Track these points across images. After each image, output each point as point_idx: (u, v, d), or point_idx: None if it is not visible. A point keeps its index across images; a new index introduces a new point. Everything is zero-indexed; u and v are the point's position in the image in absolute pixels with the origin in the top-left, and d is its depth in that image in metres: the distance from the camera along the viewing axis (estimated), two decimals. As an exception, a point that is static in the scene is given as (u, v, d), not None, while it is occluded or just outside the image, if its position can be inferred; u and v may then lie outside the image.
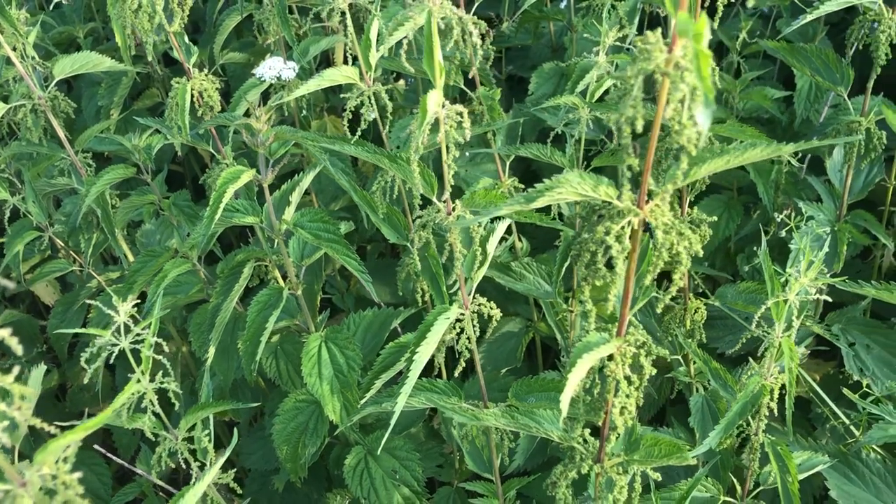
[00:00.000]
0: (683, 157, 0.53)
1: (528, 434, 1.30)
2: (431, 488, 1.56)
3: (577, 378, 0.65)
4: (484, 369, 1.63)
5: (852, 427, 1.45)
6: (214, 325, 1.35)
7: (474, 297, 1.00)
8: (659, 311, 1.15)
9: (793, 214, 1.45)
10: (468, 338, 0.99)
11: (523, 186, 1.42)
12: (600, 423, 0.75)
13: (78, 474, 0.56)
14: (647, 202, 0.64)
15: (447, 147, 0.84)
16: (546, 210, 1.31)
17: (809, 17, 1.25)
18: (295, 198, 1.39)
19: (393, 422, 0.89)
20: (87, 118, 2.23)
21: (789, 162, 1.60)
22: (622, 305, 0.70)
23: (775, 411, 1.03)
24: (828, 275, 1.46)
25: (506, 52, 2.25)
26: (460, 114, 0.85)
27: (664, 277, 1.48)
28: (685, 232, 0.63)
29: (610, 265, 0.63)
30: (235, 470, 1.99)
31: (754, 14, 1.93)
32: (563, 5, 1.91)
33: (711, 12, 1.19)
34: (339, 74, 1.08)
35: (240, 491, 1.19)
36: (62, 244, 1.79)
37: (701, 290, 1.51)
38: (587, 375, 0.75)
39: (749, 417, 1.09)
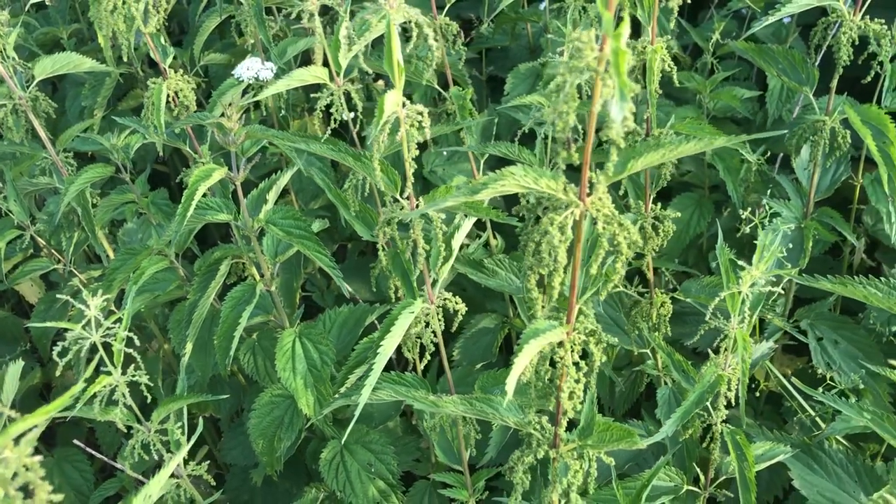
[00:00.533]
0: (613, 151, 0.56)
1: (502, 426, 1.33)
2: (409, 482, 1.58)
3: (523, 362, 0.67)
4: (460, 364, 1.66)
5: (818, 419, 1.48)
6: (191, 322, 1.38)
7: (440, 292, 1.02)
8: (601, 297, 1.18)
9: (761, 212, 1.48)
10: (433, 332, 1.01)
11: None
12: (553, 409, 0.78)
13: (39, 457, 0.58)
14: (591, 194, 0.66)
15: (408, 146, 0.87)
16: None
17: (771, 20, 1.28)
18: (272, 196, 1.42)
19: (357, 413, 0.92)
20: (72, 118, 2.25)
21: (759, 160, 1.63)
22: (570, 294, 0.72)
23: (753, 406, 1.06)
24: (794, 271, 1.49)
25: (486, 54, 2.28)
26: (420, 113, 0.87)
27: (637, 275, 1.51)
28: (625, 223, 0.65)
29: (553, 255, 0.66)
30: (217, 465, 2.03)
31: (727, 15, 1.96)
32: (542, 6, 1.94)
33: (682, 13, 1.22)
34: (308, 74, 1.10)
35: (213, 483, 1.21)
36: (44, 243, 1.80)
37: (672, 286, 1.54)
38: (541, 362, 0.77)
39: (711, 408, 1.12)
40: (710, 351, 1.03)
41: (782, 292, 1.37)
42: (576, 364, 0.74)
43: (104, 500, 1.64)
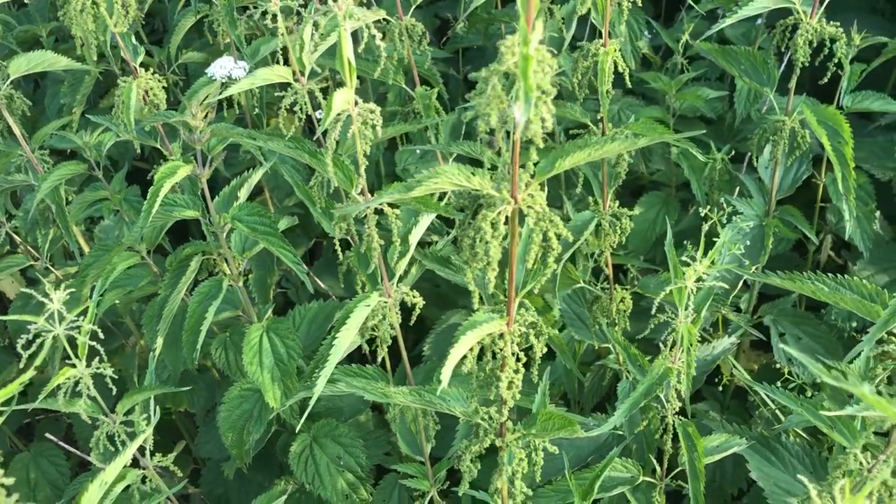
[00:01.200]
0: (532, 150, 0.58)
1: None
2: (380, 475, 1.61)
3: (458, 352, 0.70)
4: (430, 359, 1.68)
5: (779, 413, 1.51)
6: (162, 317, 1.40)
7: (398, 287, 1.05)
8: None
9: (724, 210, 1.51)
10: (391, 324, 1.04)
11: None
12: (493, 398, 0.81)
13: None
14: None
15: (360, 143, 0.90)
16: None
17: (728, 22, 1.31)
18: (243, 193, 1.44)
19: (311, 403, 0.94)
20: (51, 116, 2.27)
21: (723, 159, 1.66)
22: (509, 288, 0.75)
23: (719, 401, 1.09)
24: (749, 268, 1.53)
25: (464, 53, 2.31)
26: (372, 111, 0.90)
27: (603, 272, 1.54)
28: (555, 219, 0.68)
29: (487, 251, 0.68)
30: (196, 461, 2.04)
31: (697, 16, 1.99)
32: (516, 7, 1.96)
33: (658, 14, 1.25)
34: (271, 74, 1.13)
35: (180, 474, 1.23)
36: (20, 240, 1.82)
37: (639, 283, 1.57)
38: (485, 353, 0.80)
39: (665, 400, 1.15)
40: (660, 344, 1.06)
41: (727, 287, 1.40)
42: (515, 355, 0.77)
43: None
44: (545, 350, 0.80)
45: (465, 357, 0.79)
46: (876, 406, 0.46)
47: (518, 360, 0.77)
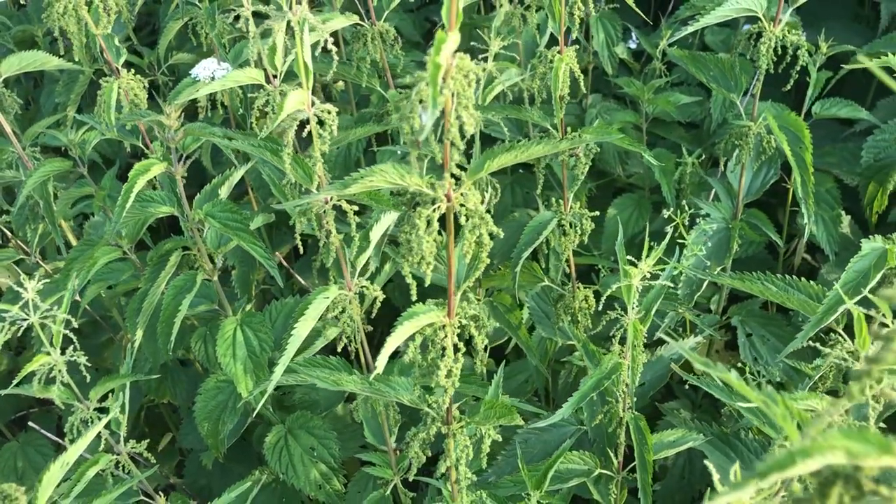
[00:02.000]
0: (454, 151, 0.63)
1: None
2: (356, 467, 1.65)
3: (395, 341, 0.74)
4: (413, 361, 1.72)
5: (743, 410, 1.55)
6: (141, 310, 1.44)
7: (357, 279, 1.09)
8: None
9: (692, 212, 1.55)
10: (350, 317, 1.08)
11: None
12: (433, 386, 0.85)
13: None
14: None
15: (318, 142, 0.94)
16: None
17: (690, 30, 1.35)
18: (224, 191, 1.49)
19: (269, 391, 0.99)
20: (46, 113, 2.32)
21: (694, 163, 1.70)
22: (448, 281, 0.79)
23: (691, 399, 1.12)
24: (718, 269, 1.57)
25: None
26: (329, 112, 0.94)
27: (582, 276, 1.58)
28: (486, 217, 0.72)
29: (420, 245, 0.73)
30: (182, 453, 2.09)
31: (676, 22, 2.03)
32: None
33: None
34: (242, 76, 1.17)
35: (154, 461, 1.28)
36: (12, 234, 1.87)
37: (609, 283, 1.61)
38: (430, 344, 0.84)
39: (619, 395, 1.19)
40: (612, 340, 1.10)
41: (692, 288, 1.44)
42: (454, 346, 0.81)
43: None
44: (509, 346, 0.84)
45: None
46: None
47: (457, 350, 0.81)
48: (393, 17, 2.07)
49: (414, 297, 0.79)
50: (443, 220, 0.75)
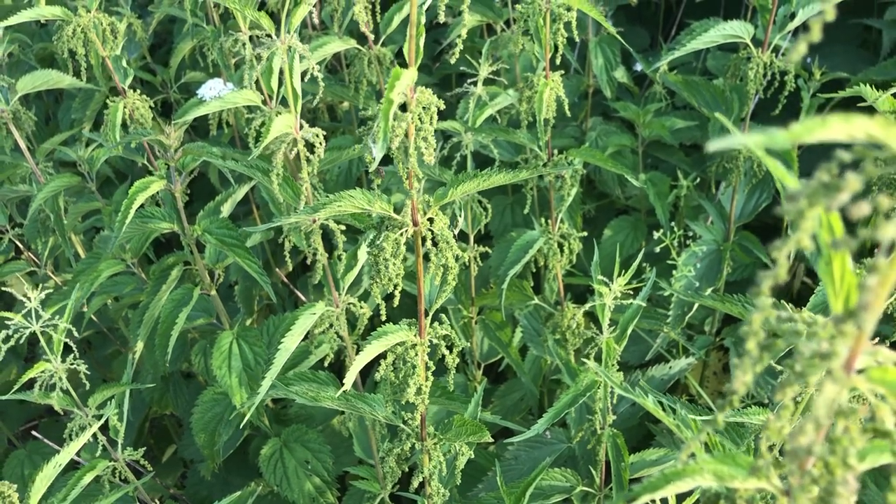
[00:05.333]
0: (413, 180, 0.66)
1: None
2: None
3: (364, 359, 0.78)
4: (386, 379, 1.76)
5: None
6: (143, 322, 1.49)
7: (345, 296, 1.13)
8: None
9: (684, 234, 1.57)
10: (337, 333, 1.12)
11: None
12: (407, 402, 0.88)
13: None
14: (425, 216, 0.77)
15: (305, 165, 0.98)
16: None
17: (677, 54, 1.38)
18: (227, 208, 1.54)
19: (256, 403, 1.02)
20: (63, 129, 2.39)
21: (688, 186, 1.72)
22: (419, 302, 0.83)
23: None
24: (710, 290, 1.58)
25: (457, 79, 2.40)
26: (317, 135, 0.98)
27: (567, 291, 1.61)
28: (451, 241, 0.76)
29: (387, 268, 0.76)
30: (185, 465, 2.13)
31: (673, 48, 2.05)
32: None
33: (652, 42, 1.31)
34: (240, 97, 1.22)
35: (150, 468, 1.32)
36: (24, 247, 1.94)
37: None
38: (402, 362, 0.87)
39: (599, 411, 1.21)
40: (588, 360, 1.13)
41: (679, 308, 1.46)
42: (425, 364, 0.84)
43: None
44: (457, 361, 0.87)
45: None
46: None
47: (427, 368, 0.84)
48: (398, 38, 2.12)
49: (384, 318, 0.82)
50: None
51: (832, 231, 0.39)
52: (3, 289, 1.36)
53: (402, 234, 0.75)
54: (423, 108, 0.64)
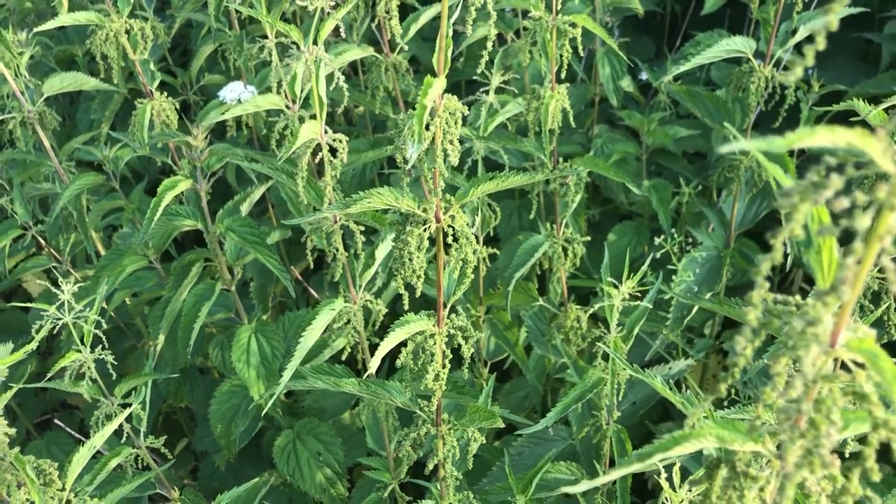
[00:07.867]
0: (439, 178, 0.72)
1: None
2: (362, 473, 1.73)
3: (387, 346, 0.83)
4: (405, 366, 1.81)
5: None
6: (164, 316, 1.55)
7: (362, 294, 1.19)
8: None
9: (683, 239, 1.63)
10: (355, 328, 1.17)
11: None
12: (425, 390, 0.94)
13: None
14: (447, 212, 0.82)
15: (328, 166, 1.04)
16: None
17: (683, 69, 1.44)
18: (245, 207, 1.59)
19: (277, 394, 1.08)
20: (82, 130, 2.45)
21: (690, 193, 1.78)
22: (438, 294, 0.88)
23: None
24: (709, 294, 1.64)
25: (467, 85, 2.46)
26: (340, 140, 1.04)
27: (572, 293, 1.66)
28: (471, 237, 0.81)
29: (412, 261, 0.82)
30: (197, 458, 2.18)
31: (679, 59, 2.11)
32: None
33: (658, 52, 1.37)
34: (264, 101, 1.27)
35: (171, 457, 1.37)
36: (45, 243, 1.99)
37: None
38: (421, 351, 0.93)
39: (605, 407, 1.26)
40: (594, 359, 1.18)
41: (678, 311, 1.52)
42: (442, 352, 0.90)
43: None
44: (472, 351, 0.92)
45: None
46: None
47: (445, 356, 0.90)
48: (412, 45, 2.18)
49: (406, 308, 0.88)
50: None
51: (821, 222, 0.44)
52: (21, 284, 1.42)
53: (425, 230, 0.81)
54: (450, 113, 0.70)
